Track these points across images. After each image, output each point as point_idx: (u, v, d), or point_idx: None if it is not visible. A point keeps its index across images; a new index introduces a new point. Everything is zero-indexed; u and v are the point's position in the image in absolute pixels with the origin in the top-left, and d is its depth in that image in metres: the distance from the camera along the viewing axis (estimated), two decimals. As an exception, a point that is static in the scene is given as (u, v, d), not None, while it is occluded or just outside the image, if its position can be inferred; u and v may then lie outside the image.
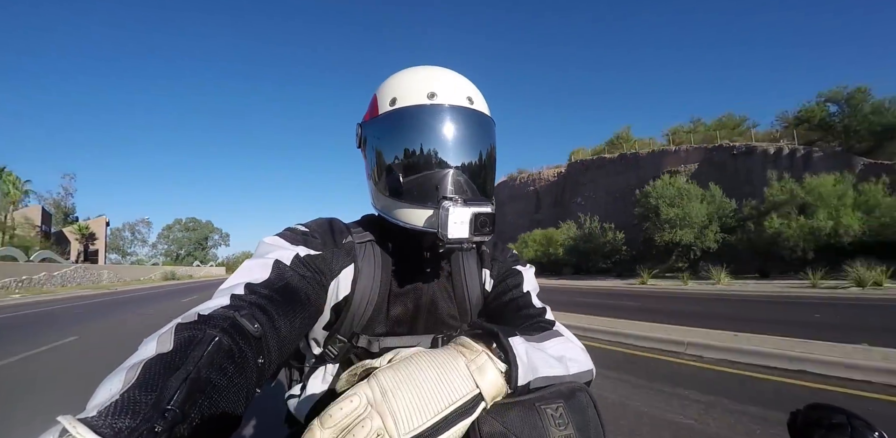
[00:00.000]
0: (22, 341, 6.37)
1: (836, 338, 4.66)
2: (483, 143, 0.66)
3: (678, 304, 10.25)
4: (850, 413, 0.44)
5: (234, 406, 0.37)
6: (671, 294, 13.21)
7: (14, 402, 3.50)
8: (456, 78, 0.69)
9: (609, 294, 13.86)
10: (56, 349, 5.76)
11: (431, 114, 0.63)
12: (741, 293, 12.38)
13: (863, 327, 5.96)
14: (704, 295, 12.38)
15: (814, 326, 6.14)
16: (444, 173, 0.62)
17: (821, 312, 7.78)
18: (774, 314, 7.76)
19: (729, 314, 7.97)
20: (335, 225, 0.71)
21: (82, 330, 7.52)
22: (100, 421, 0.28)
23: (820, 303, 9.22)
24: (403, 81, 0.68)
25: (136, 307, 12.20)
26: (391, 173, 0.65)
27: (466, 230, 0.57)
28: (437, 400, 0.41)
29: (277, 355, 0.48)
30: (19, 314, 10.93)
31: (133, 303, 13.80)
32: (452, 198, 0.59)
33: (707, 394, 3.39)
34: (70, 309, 12.08)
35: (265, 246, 0.61)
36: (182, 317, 0.42)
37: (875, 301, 9.25)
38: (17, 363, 4.99)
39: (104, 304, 13.69)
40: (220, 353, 0.38)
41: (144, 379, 0.32)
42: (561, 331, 0.64)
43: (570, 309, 8.31)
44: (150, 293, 20.22)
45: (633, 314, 7.57)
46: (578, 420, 0.45)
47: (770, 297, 11.25)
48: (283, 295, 0.53)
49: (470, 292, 0.74)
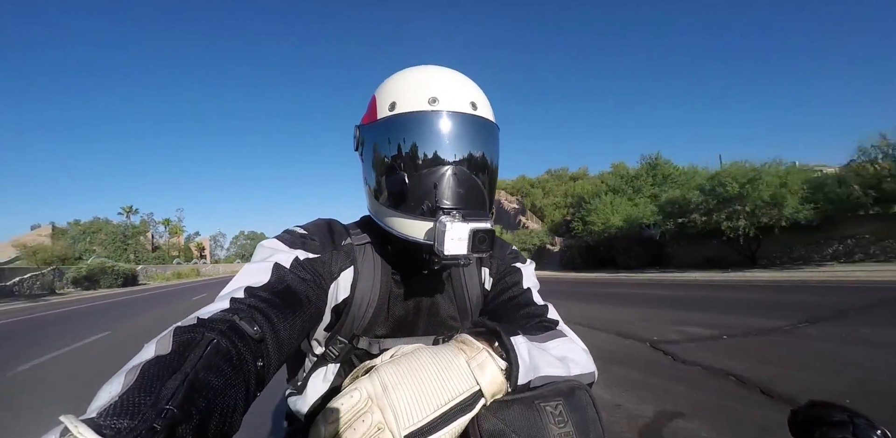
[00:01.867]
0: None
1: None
2: (486, 151, 0.63)
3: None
4: (852, 411, 0.44)
5: (233, 406, 0.37)
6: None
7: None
8: (459, 81, 0.65)
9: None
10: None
11: (432, 121, 0.60)
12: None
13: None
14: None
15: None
16: (442, 185, 0.59)
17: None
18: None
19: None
20: (334, 227, 0.70)
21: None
22: (100, 422, 0.29)
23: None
24: (403, 83, 0.64)
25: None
26: (388, 181, 0.62)
27: (464, 247, 0.55)
28: (438, 396, 0.41)
29: (277, 357, 0.48)
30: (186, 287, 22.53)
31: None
32: (450, 212, 0.57)
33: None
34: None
35: (264, 250, 0.61)
36: (182, 321, 0.43)
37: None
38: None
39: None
40: (218, 355, 0.38)
41: (143, 381, 0.33)
42: (564, 331, 0.64)
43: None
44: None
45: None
46: (577, 419, 0.45)
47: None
48: (283, 298, 0.52)
49: (470, 292, 0.74)
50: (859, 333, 4.18)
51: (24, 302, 16.74)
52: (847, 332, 4.27)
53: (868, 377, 2.97)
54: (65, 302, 16.06)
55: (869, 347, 3.71)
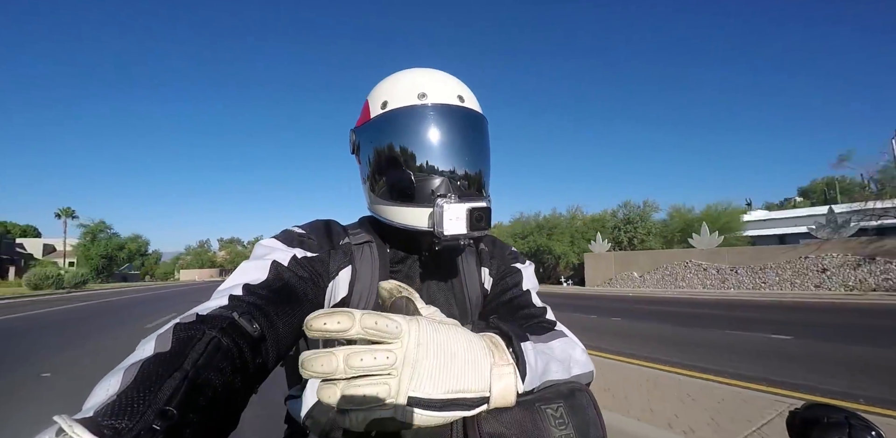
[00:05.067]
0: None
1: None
2: (476, 140, 0.66)
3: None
4: (849, 412, 0.44)
5: (232, 405, 0.37)
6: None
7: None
8: (445, 77, 0.68)
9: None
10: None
11: (423, 114, 0.63)
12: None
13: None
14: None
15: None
16: (438, 172, 0.62)
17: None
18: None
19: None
20: (332, 227, 0.70)
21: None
22: (98, 421, 0.28)
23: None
24: (393, 83, 0.67)
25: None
26: (386, 175, 0.65)
27: (463, 226, 0.57)
28: (452, 381, 0.38)
29: (275, 355, 0.47)
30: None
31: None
32: (447, 195, 0.59)
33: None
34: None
35: (262, 248, 0.60)
36: (181, 317, 0.42)
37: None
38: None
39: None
40: (218, 353, 0.38)
41: (142, 379, 0.32)
42: (564, 331, 0.64)
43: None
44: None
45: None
46: (578, 421, 0.44)
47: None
48: (281, 296, 0.52)
49: (470, 292, 0.73)
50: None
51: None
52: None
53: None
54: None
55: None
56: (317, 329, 0.32)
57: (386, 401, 0.33)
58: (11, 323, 9.13)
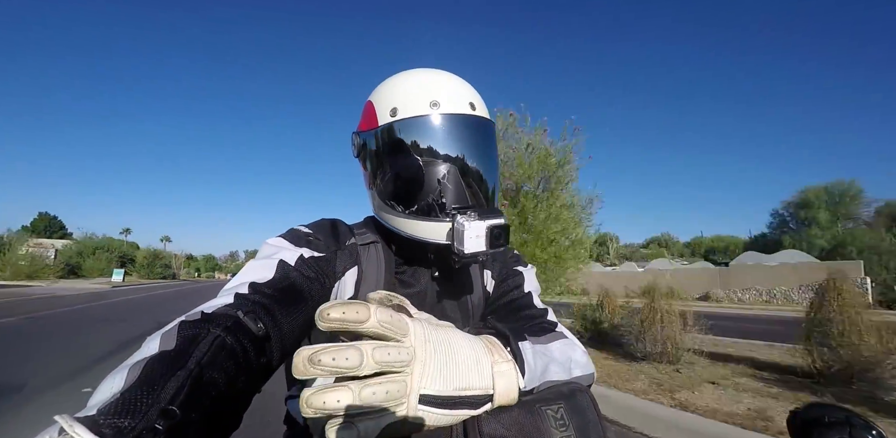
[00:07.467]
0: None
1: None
2: (488, 150, 0.65)
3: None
4: (850, 412, 0.44)
5: (236, 405, 0.37)
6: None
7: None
8: (456, 83, 0.67)
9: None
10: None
11: (436, 124, 0.61)
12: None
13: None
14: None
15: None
16: (452, 185, 0.61)
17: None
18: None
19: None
20: (338, 227, 0.70)
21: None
22: (99, 420, 0.28)
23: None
24: (402, 88, 0.65)
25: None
26: (397, 185, 0.64)
27: (483, 244, 0.56)
28: (459, 379, 0.38)
29: (279, 355, 0.47)
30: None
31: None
32: (465, 212, 0.58)
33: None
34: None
35: (269, 247, 0.60)
36: (186, 315, 0.42)
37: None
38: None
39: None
40: (222, 352, 0.38)
41: (146, 378, 0.32)
42: (564, 333, 0.64)
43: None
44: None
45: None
46: (579, 422, 0.44)
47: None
48: (287, 295, 0.52)
49: (472, 295, 0.73)
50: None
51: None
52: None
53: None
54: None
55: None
56: (334, 319, 0.31)
57: (399, 400, 0.32)
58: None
